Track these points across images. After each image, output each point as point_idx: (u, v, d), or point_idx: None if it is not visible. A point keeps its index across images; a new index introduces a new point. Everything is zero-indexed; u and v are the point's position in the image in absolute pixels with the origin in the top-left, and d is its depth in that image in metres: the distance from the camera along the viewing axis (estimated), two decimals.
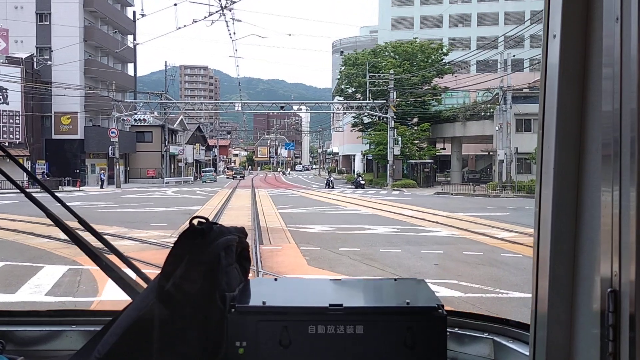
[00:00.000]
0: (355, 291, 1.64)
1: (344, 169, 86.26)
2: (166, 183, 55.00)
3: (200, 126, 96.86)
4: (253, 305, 1.34)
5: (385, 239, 14.97)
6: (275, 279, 1.65)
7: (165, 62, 60.49)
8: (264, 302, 1.33)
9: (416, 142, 50.82)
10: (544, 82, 1.01)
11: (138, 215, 21.20)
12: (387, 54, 53.93)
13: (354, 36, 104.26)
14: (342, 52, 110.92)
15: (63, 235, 1.78)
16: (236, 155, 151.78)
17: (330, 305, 1.32)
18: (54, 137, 49.12)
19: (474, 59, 51.40)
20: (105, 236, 1.81)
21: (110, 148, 47.84)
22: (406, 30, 70.99)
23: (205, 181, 67.08)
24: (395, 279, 1.64)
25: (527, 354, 1.31)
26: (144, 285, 1.59)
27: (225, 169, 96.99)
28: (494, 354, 1.60)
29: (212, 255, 1.29)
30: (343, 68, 56.90)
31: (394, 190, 43.80)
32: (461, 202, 30.69)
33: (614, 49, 0.83)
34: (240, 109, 48.90)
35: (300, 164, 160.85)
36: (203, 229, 1.30)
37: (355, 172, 53.83)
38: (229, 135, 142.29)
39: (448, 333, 1.41)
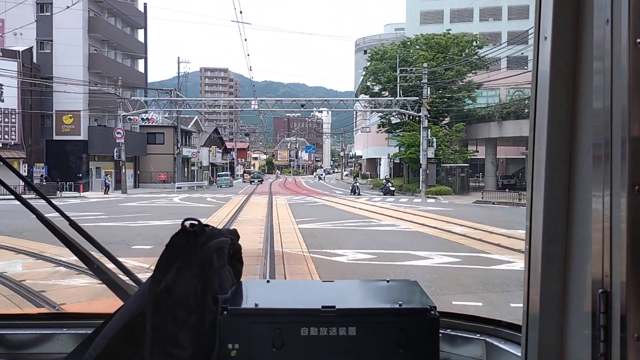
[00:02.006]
0: (348, 293, 1.61)
1: (368, 173, 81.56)
2: (177, 188, 50.84)
3: (218, 128, 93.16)
4: (245, 307, 1.33)
5: (450, 277, 10.51)
6: (268, 281, 1.63)
7: (179, 57, 56.70)
8: (256, 304, 1.33)
9: (448, 143, 46.12)
10: (535, 84, 1.02)
11: (123, 232, 16.98)
12: (417, 47, 49.44)
13: (378, 34, 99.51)
14: (365, 50, 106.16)
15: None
16: (255, 158, 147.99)
17: (323, 307, 1.31)
18: (55, 137, 45.20)
19: (504, 54, 46.74)
20: (62, 262, 2.06)
21: (115, 150, 43.81)
22: (435, 24, 66.44)
23: (220, 186, 62.96)
24: (387, 280, 1.61)
25: (519, 354, 1.31)
26: (136, 287, 1.56)
27: (243, 173, 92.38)
28: (485, 355, 1.60)
29: (204, 257, 1.28)
30: (369, 64, 52.42)
31: (428, 197, 39.22)
32: (510, 213, 25.95)
33: (605, 51, 0.85)
34: (256, 106, 44.58)
35: (321, 167, 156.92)
36: (195, 231, 1.27)
37: (384, 177, 49.16)
38: (247, 138, 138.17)
39: (440, 334, 1.39)
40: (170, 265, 1.24)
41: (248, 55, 38.63)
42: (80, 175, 44.42)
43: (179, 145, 55.36)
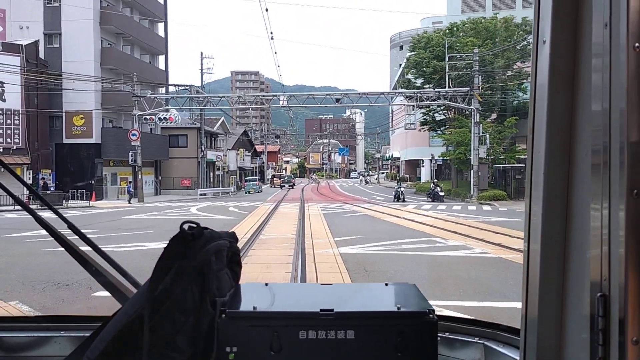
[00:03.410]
0: (346, 296, 1.59)
1: (407, 175, 76.13)
2: (201, 195, 46.39)
3: (247, 131, 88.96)
4: (244, 310, 1.32)
5: None
6: (266, 284, 1.60)
7: (201, 52, 52.33)
8: (254, 307, 1.32)
9: (500, 141, 40.67)
10: (534, 88, 1.02)
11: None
12: (463, 33, 44.31)
13: (415, 28, 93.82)
14: (401, 46, 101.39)
15: None
16: (287, 162, 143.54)
17: (321, 310, 1.31)
18: (65, 141, 41.06)
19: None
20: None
21: (130, 154, 39.41)
22: (477, 12, 61.33)
23: (248, 192, 58.33)
24: (386, 284, 1.60)
25: (518, 358, 1.30)
26: (134, 290, 1.57)
27: (272, 177, 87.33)
28: (484, 359, 1.60)
29: (202, 260, 1.27)
30: (411, 54, 47.31)
31: (482, 204, 33.99)
32: None
33: (603, 55, 0.85)
34: (285, 102, 39.73)
35: (354, 170, 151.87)
36: (193, 233, 1.26)
37: (432, 181, 43.83)
38: (278, 140, 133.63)
39: (439, 338, 1.37)
40: (169, 268, 1.22)
41: (279, 66, 34.96)
42: (93, 182, 40.19)
43: (203, 148, 50.93)
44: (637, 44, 0.79)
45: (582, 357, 0.90)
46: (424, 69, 44.42)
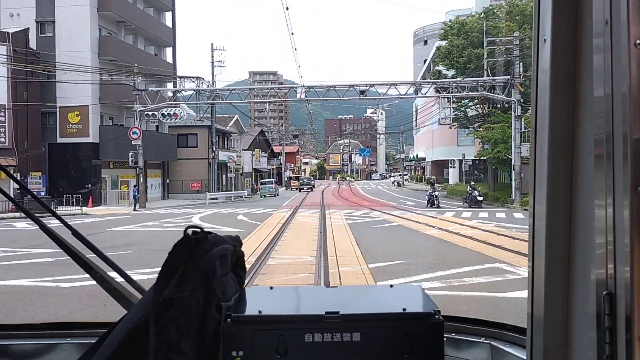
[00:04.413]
0: (351, 298, 1.58)
1: (434, 177, 71.47)
2: (211, 199, 42.32)
3: (265, 131, 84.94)
4: (249, 314, 1.33)
5: None
6: (271, 288, 1.59)
7: (212, 44, 48.21)
8: (260, 311, 1.32)
9: None
10: (536, 86, 1.03)
11: (37, 303, 8.34)
12: (500, 15, 40.04)
13: (440, 21, 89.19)
14: (425, 41, 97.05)
15: None
16: (306, 163, 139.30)
17: (327, 312, 1.31)
18: (59, 140, 37.13)
19: None
20: None
21: (131, 154, 35.40)
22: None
23: (264, 195, 54.17)
24: (391, 285, 1.59)
25: (524, 357, 1.30)
26: (139, 296, 1.57)
27: (289, 180, 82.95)
28: (491, 359, 1.59)
29: (207, 264, 1.27)
30: (439, 44, 42.95)
31: (527, 210, 29.40)
32: None
33: (604, 52, 0.85)
34: (303, 95, 35.54)
35: (376, 172, 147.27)
36: (197, 238, 1.26)
37: (469, 184, 39.23)
38: (296, 141, 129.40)
39: (445, 338, 1.37)
40: (173, 274, 1.23)
41: (301, 77, 30.54)
42: (89, 185, 36.27)
43: (214, 148, 46.84)
44: (638, 41, 0.79)
45: (589, 355, 0.89)
46: (457, 58, 39.94)
